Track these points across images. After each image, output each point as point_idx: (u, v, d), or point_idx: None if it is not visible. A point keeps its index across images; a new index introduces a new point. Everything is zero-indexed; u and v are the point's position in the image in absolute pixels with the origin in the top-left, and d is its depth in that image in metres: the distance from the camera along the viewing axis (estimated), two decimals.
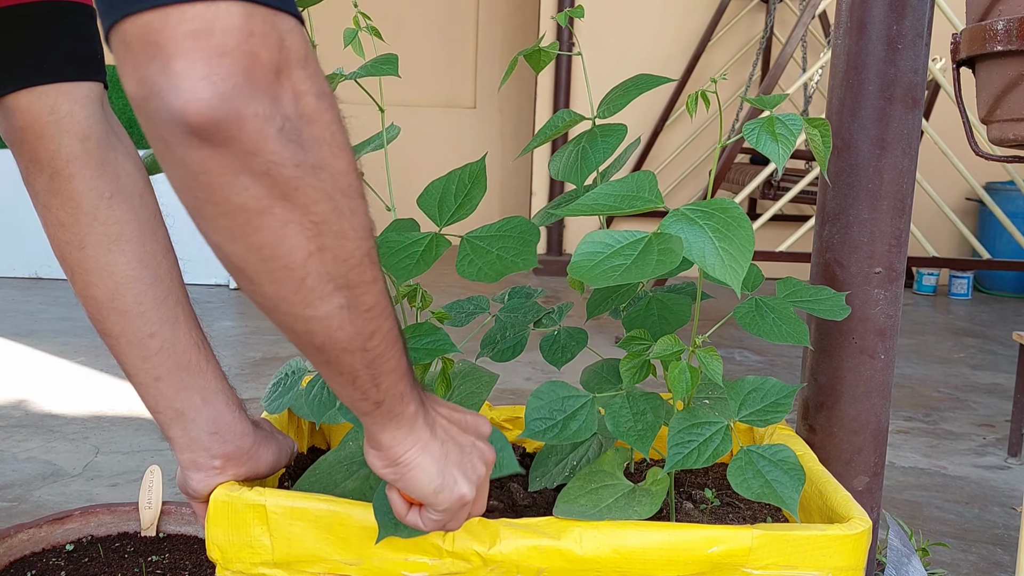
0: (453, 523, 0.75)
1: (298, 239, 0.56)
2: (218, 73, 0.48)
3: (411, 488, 0.71)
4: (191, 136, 0.49)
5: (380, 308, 0.63)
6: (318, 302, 0.59)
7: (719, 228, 0.76)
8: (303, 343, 0.63)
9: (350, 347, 0.63)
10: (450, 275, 4.77)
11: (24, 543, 1.21)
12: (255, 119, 0.50)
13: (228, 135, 0.50)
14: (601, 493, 0.86)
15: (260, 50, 0.49)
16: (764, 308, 0.94)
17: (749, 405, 0.90)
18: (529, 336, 1.06)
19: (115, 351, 0.87)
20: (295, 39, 0.52)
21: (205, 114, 0.48)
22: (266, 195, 0.53)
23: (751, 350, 3.26)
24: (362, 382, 0.65)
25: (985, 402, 2.75)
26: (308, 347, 0.63)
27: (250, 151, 0.51)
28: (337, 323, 0.61)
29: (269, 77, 0.50)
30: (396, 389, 0.68)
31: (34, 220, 0.87)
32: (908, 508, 1.88)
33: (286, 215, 0.54)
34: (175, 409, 0.87)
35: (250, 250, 0.56)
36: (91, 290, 0.85)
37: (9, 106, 0.83)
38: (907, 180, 1.06)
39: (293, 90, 0.52)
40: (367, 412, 0.68)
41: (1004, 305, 4.55)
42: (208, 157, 0.51)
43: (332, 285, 0.59)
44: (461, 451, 0.74)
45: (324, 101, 0.54)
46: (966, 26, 1.26)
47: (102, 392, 2.48)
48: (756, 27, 5.09)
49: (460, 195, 0.95)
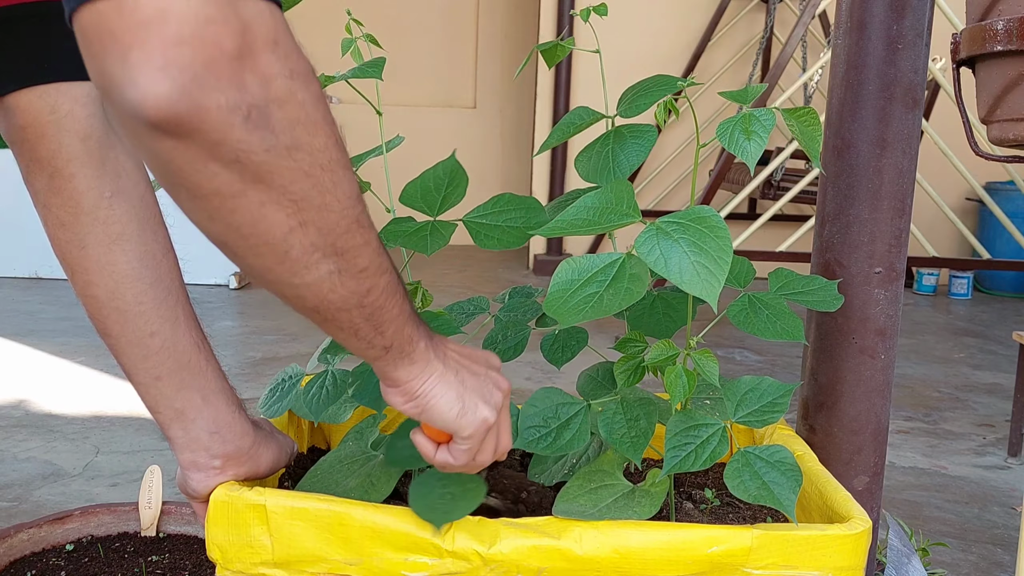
0: (482, 454, 0.76)
1: (277, 217, 0.55)
2: (176, 64, 0.46)
3: (434, 417, 0.73)
4: (153, 129, 0.48)
5: (375, 267, 0.63)
6: (304, 271, 0.59)
7: (695, 241, 0.75)
8: (296, 306, 0.63)
9: (345, 306, 0.63)
10: (450, 275, 4.75)
11: (24, 543, 1.22)
12: (217, 111, 0.48)
13: (190, 128, 0.48)
14: (600, 493, 0.86)
15: (220, 37, 0.47)
16: (757, 304, 0.94)
17: (746, 405, 0.90)
18: (529, 336, 1.06)
19: (115, 350, 0.87)
20: (262, 22, 0.50)
21: (164, 108, 0.47)
22: (238, 180, 0.52)
23: (751, 350, 3.26)
24: (365, 333, 0.66)
25: (985, 402, 2.75)
26: (302, 309, 0.63)
27: (215, 141, 0.49)
28: (328, 287, 0.61)
29: (232, 64, 0.48)
30: (402, 333, 0.69)
31: (34, 220, 0.87)
32: (908, 508, 1.88)
33: (261, 196, 0.53)
34: (175, 409, 0.87)
35: (229, 229, 0.55)
36: (91, 289, 0.85)
37: (9, 105, 0.83)
38: (907, 180, 1.06)
39: (260, 75, 0.50)
40: (377, 358, 0.69)
41: (1004, 305, 4.55)
42: (172, 148, 0.49)
43: (319, 254, 0.58)
44: (476, 378, 0.76)
45: (297, 80, 0.52)
46: (966, 26, 1.26)
47: (102, 392, 2.48)
48: (756, 27, 5.09)
49: (441, 189, 0.97)
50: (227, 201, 0.53)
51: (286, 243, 0.56)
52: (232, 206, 0.53)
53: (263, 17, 0.50)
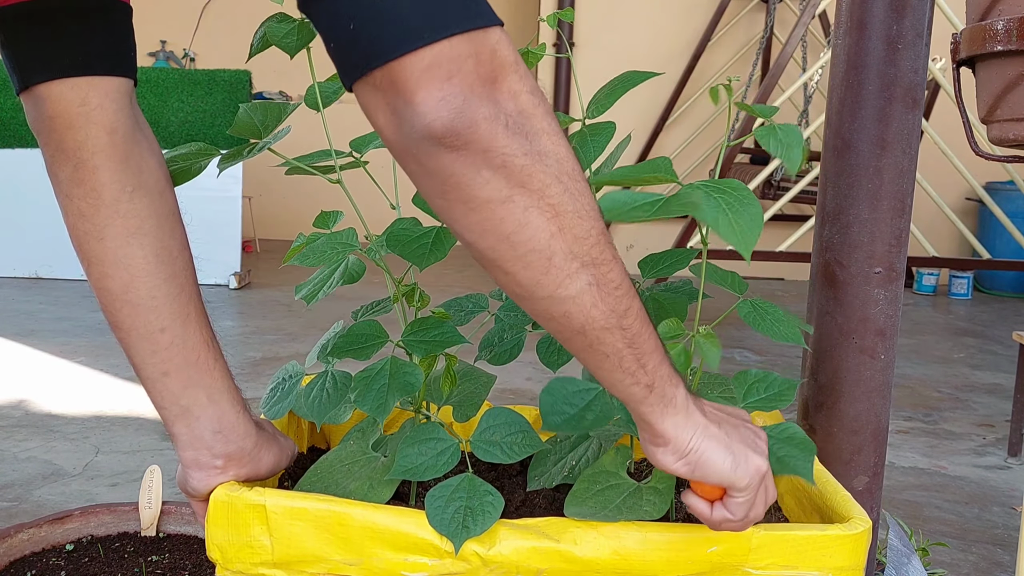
0: (756, 507, 0.75)
1: (539, 221, 0.62)
2: (450, 93, 0.58)
3: (708, 474, 0.72)
4: (437, 146, 0.59)
5: (626, 286, 0.68)
6: (568, 281, 0.64)
7: (732, 203, 0.77)
8: (564, 329, 0.67)
9: (608, 324, 0.67)
10: (450, 275, 4.74)
11: (24, 543, 1.22)
12: (485, 121, 0.59)
13: (466, 139, 0.59)
14: (608, 494, 0.86)
15: (478, 66, 0.59)
16: (761, 309, 0.95)
17: (753, 394, 0.91)
18: (526, 338, 1.06)
19: (125, 344, 0.88)
20: (503, 47, 0.60)
21: (446, 126, 0.58)
22: (505, 185, 0.61)
23: (751, 350, 3.26)
24: (628, 363, 0.69)
25: (985, 402, 2.75)
26: (569, 331, 0.67)
27: (486, 148, 0.59)
28: (590, 300, 0.66)
29: (489, 85, 0.59)
30: (662, 370, 0.71)
31: (34, 220, 0.87)
32: (908, 508, 1.88)
33: (526, 200, 0.61)
34: (181, 406, 0.87)
35: (500, 239, 0.63)
36: (106, 281, 0.86)
37: (41, 95, 0.84)
38: (907, 180, 1.06)
39: (510, 91, 0.60)
40: (642, 399, 0.70)
41: (1004, 305, 4.55)
42: (453, 160, 0.59)
43: (577, 263, 0.64)
44: (737, 430, 0.76)
45: (536, 96, 0.62)
46: (966, 26, 1.26)
47: (102, 392, 2.48)
48: (756, 27, 5.09)
49: None
50: (497, 208, 0.61)
51: (549, 248, 0.63)
52: (502, 214, 0.61)
53: (503, 44, 0.60)
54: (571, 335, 0.67)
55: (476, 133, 0.59)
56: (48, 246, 4.06)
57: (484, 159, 0.60)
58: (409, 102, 0.58)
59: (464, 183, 0.61)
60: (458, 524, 0.79)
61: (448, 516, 0.80)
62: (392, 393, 0.90)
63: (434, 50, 0.58)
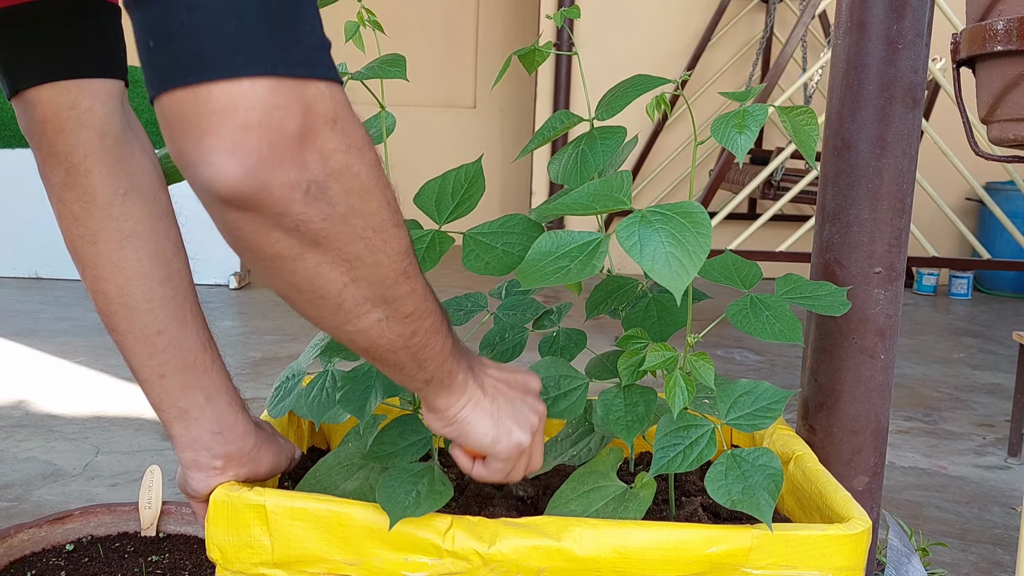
0: (515, 472, 0.81)
1: (331, 275, 0.59)
2: (243, 148, 0.50)
3: (470, 441, 0.78)
4: (222, 203, 0.53)
5: (419, 311, 0.67)
6: (356, 319, 0.63)
7: (674, 233, 0.75)
8: (348, 347, 0.68)
9: (392, 347, 0.67)
10: (450, 275, 4.76)
11: (24, 543, 1.22)
12: (280, 188, 0.53)
13: (256, 203, 0.53)
14: (591, 496, 0.86)
15: (284, 122, 0.51)
16: (759, 306, 0.93)
17: (738, 408, 0.88)
18: (528, 337, 1.06)
19: (122, 347, 0.87)
20: (322, 102, 0.53)
21: (233, 187, 0.51)
22: (297, 245, 0.56)
23: (751, 350, 3.26)
24: (409, 369, 0.71)
25: (985, 402, 2.75)
26: (353, 348, 0.68)
27: (278, 213, 0.54)
28: (377, 332, 0.65)
29: (294, 146, 0.52)
30: (443, 368, 0.73)
31: (34, 220, 0.87)
32: (908, 508, 1.88)
33: (318, 258, 0.58)
34: (179, 407, 0.87)
35: (288, 286, 0.60)
36: (101, 285, 0.86)
37: (31, 99, 0.84)
38: (907, 180, 1.06)
39: (319, 152, 0.53)
40: (418, 389, 0.74)
41: (1004, 305, 4.55)
42: (239, 219, 0.54)
43: (369, 305, 0.63)
44: (512, 404, 0.79)
45: (353, 154, 0.56)
46: (966, 26, 1.26)
47: (102, 392, 2.48)
48: (756, 27, 5.09)
49: (457, 194, 0.95)
50: (287, 263, 0.57)
51: (339, 297, 0.61)
52: (292, 267, 0.58)
53: (323, 98, 0.53)
54: (356, 350, 0.68)
55: (268, 199, 0.53)
56: (48, 246, 4.06)
57: (276, 222, 0.54)
58: (197, 145, 0.51)
59: (249, 238, 0.56)
60: (401, 504, 0.80)
61: (396, 496, 0.81)
62: (376, 394, 0.90)
63: (231, 89, 0.50)
